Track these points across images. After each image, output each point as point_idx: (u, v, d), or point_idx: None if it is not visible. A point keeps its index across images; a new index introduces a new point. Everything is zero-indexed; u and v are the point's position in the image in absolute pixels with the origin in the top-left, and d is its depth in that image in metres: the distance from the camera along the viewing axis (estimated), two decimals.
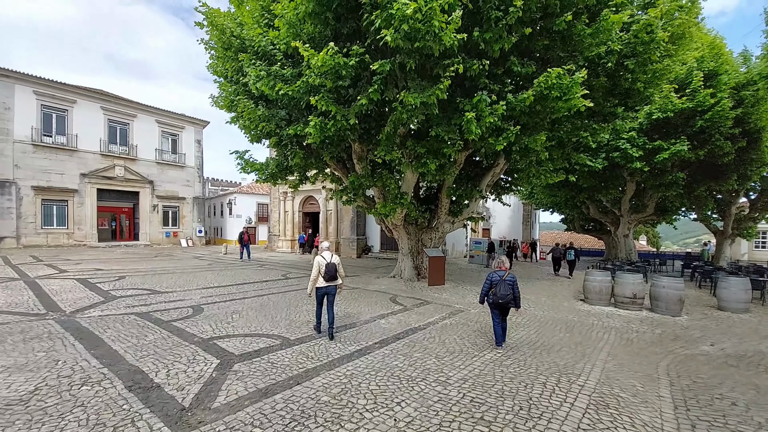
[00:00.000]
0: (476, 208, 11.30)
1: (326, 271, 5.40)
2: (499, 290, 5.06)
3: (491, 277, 5.24)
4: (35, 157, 21.91)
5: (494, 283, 5.16)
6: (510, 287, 5.07)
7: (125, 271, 12.41)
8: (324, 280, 5.43)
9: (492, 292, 5.16)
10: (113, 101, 25.80)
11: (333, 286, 5.55)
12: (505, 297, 5.03)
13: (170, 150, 29.17)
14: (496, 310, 5.27)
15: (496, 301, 5.11)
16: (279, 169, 10.95)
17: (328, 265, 5.43)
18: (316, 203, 22.19)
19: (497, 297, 5.07)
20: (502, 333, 5.36)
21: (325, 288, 5.50)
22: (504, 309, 5.26)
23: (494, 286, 5.14)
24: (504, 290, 5.04)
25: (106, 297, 8.12)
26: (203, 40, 8.82)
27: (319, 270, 5.45)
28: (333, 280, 5.49)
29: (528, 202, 28.27)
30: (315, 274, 5.50)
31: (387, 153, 7.86)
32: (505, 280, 5.11)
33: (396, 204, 9.43)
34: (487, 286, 5.24)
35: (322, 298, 5.61)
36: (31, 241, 21.31)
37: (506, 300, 5.04)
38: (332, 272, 5.44)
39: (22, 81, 21.12)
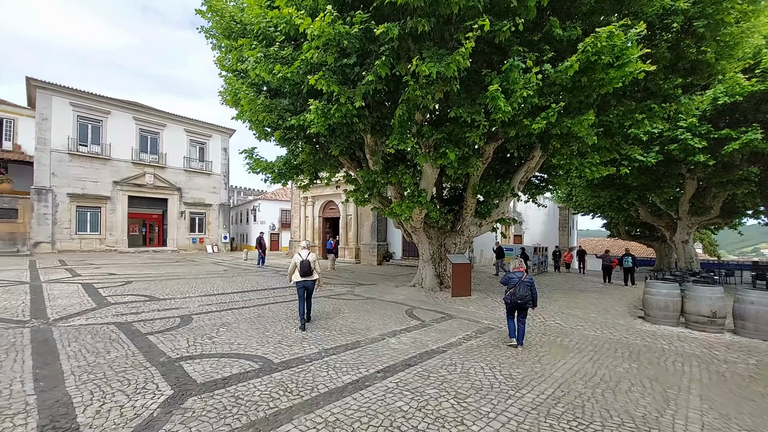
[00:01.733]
0: (507, 208, 9.87)
1: (301, 267, 5.99)
2: (518, 291, 5.23)
3: (510, 278, 5.40)
4: (71, 166, 22.84)
5: (512, 284, 5.32)
6: (528, 288, 5.26)
7: (136, 276, 12.07)
8: (300, 275, 6.03)
9: (511, 293, 5.32)
10: (145, 112, 26.69)
11: (310, 281, 6.15)
12: (524, 297, 5.21)
13: (198, 158, 29.76)
14: (513, 310, 5.44)
15: (515, 302, 5.28)
16: (287, 168, 10.15)
17: (302, 263, 6.00)
18: (337, 208, 21.43)
19: (516, 297, 5.24)
20: (522, 334, 5.44)
21: (303, 282, 6.06)
22: (522, 309, 5.39)
23: (513, 287, 5.29)
24: (523, 291, 5.22)
25: (99, 304, 7.54)
26: (203, 28, 8.25)
27: (295, 266, 6.06)
28: (308, 276, 6.07)
29: (565, 205, 25.96)
30: (291, 269, 6.16)
31: (400, 142, 6.76)
32: (524, 281, 5.27)
33: (413, 203, 8.27)
34: (506, 281, 5.43)
35: (302, 292, 6.09)
36: (65, 246, 22.08)
37: (525, 300, 5.23)
38: (306, 268, 6.00)
39: (60, 93, 22.19)
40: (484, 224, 10.23)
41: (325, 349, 4.91)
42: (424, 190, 8.43)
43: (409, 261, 19.03)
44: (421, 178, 9.00)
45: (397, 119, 6.51)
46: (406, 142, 6.74)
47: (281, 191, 35.27)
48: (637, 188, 15.53)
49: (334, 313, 7.39)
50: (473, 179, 9.44)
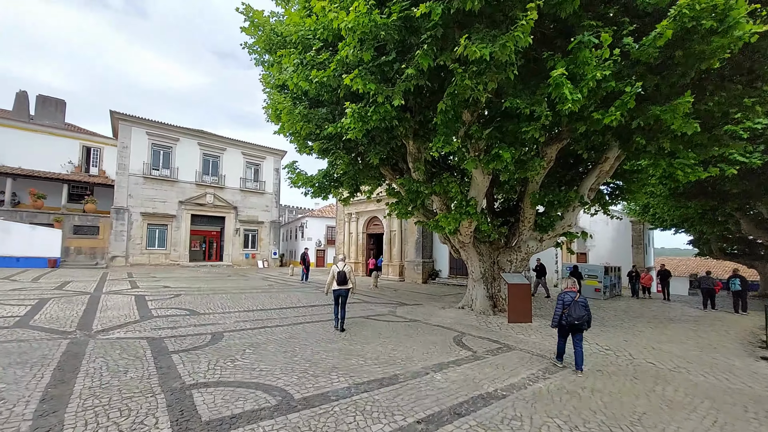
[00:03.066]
0: (574, 220, 8.45)
1: (337, 277, 6.78)
2: (573, 311, 4.98)
3: (563, 299, 5.15)
4: (144, 188, 25.32)
5: (567, 305, 5.08)
6: (584, 308, 5.01)
7: (187, 289, 12.43)
8: (337, 284, 6.81)
9: (566, 314, 5.04)
10: (208, 137, 29.06)
11: (344, 289, 6.86)
12: (581, 318, 4.96)
13: (252, 178, 31.52)
14: (568, 332, 5.17)
15: (571, 323, 5.00)
16: (327, 181, 9.82)
17: (339, 273, 6.81)
18: (380, 224, 20.92)
19: (572, 318, 4.98)
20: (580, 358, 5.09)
21: (338, 290, 6.83)
22: (577, 330, 5.09)
23: (567, 308, 5.05)
24: (579, 311, 4.97)
25: (143, 316, 7.59)
26: (246, 44, 8.39)
27: (333, 276, 6.86)
28: (344, 284, 6.83)
29: (639, 219, 22.70)
30: (329, 280, 6.94)
31: (445, 144, 5.97)
32: (578, 301, 5.05)
33: (461, 215, 7.32)
34: (560, 308, 5.13)
35: (337, 299, 6.87)
36: (136, 260, 24.21)
37: (582, 321, 4.96)
38: (342, 278, 6.80)
39: (138, 124, 24.99)
40: (545, 239, 8.86)
41: (356, 384, 4.13)
42: (473, 199, 7.45)
43: (456, 279, 17.67)
44: (469, 187, 8.04)
45: (441, 116, 5.75)
46: (452, 143, 5.92)
47: (327, 209, 35.94)
48: (737, 196, 12.83)
49: (372, 336, 6.61)
50: (532, 187, 8.24)
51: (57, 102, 27.57)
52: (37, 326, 6.36)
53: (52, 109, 27.16)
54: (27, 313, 7.33)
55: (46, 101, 26.80)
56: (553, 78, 4.78)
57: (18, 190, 22.18)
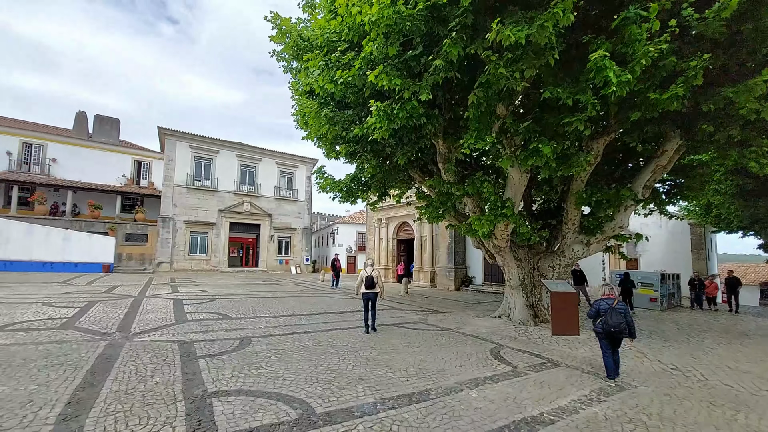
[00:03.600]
0: (626, 221, 7.60)
1: (366, 281, 7.12)
2: (610, 319, 4.77)
3: (599, 306, 4.97)
4: (188, 198, 26.82)
5: (602, 312, 4.89)
6: (622, 315, 4.77)
7: (223, 294, 12.77)
8: (365, 287, 7.15)
9: (601, 321, 4.86)
10: (245, 149, 30.36)
11: (372, 293, 7.17)
12: (618, 326, 4.72)
13: (286, 186, 32.45)
14: (605, 340, 4.90)
15: (607, 330, 4.77)
16: (355, 185, 9.67)
17: (367, 277, 7.13)
18: (411, 229, 20.53)
19: (608, 326, 4.75)
20: (616, 365, 4.90)
21: (367, 294, 7.16)
22: (615, 340, 4.88)
23: (603, 315, 4.86)
24: (616, 319, 4.75)
25: (178, 320, 7.78)
26: (274, 51, 8.51)
27: (362, 280, 7.22)
28: (371, 288, 7.15)
29: (700, 221, 20.45)
30: (358, 283, 7.35)
31: (477, 140, 5.55)
32: (616, 308, 4.83)
33: (496, 217, 6.81)
34: (593, 314, 4.99)
35: (366, 302, 7.17)
36: (180, 265, 25.57)
37: (619, 329, 4.72)
38: (370, 282, 7.12)
39: (182, 138, 26.62)
40: (593, 242, 8.05)
41: (383, 399, 3.80)
42: (509, 200, 6.91)
43: (492, 287, 16.81)
44: (505, 188, 7.49)
45: (473, 110, 5.35)
46: (486, 139, 5.49)
47: (358, 215, 36.12)
48: None
49: (401, 345, 6.25)
50: (576, 185, 7.53)
51: (112, 121, 30.15)
52: (81, 327, 6.68)
53: (108, 127, 29.73)
54: (74, 314, 7.77)
55: (102, 120, 29.40)
56: (593, 61, 4.24)
57: (78, 202, 24.33)
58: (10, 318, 7.10)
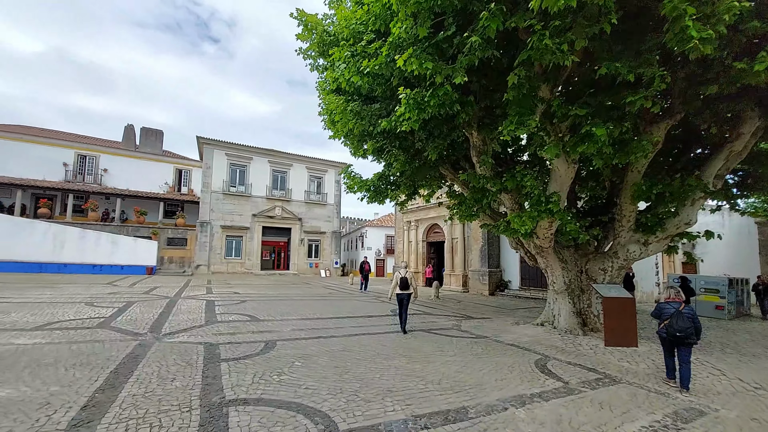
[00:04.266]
0: (693, 217, 6.60)
1: (400, 283, 7.26)
2: (675, 323, 4.52)
3: (662, 308, 4.76)
4: (224, 203, 27.83)
5: (666, 315, 4.66)
6: (690, 320, 4.49)
7: (254, 296, 12.86)
8: (400, 289, 7.29)
9: (665, 325, 4.63)
10: (277, 155, 31.13)
11: (406, 294, 7.31)
12: (685, 330, 4.45)
13: (315, 191, 32.85)
14: (673, 346, 4.67)
15: (673, 334, 4.53)
16: (383, 183, 9.30)
17: (401, 279, 7.27)
18: (441, 231, 19.85)
19: (674, 330, 4.51)
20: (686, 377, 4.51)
21: (401, 294, 7.30)
22: (683, 345, 4.55)
23: (668, 319, 4.61)
24: (683, 323, 4.49)
25: (208, 321, 7.77)
26: (301, 49, 8.40)
27: (396, 282, 7.35)
28: (406, 289, 7.29)
29: None
30: (393, 285, 7.48)
31: (518, 126, 4.97)
32: (683, 312, 4.56)
33: (540, 213, 6.14)
34: (657, 314, 4.78)
35: (401, 302, 7.34)
36: (217, 268, 26.51)
37: (686, 333, 4.45)
38: (404, 283, 7.26)
39: (219, 146, 27.74)
40: (652, 242, 7.10)
41: (414, 416, 3.34)
42: (555, 194, 6.20)
43: (529, 291, 15.73)
44: (548, 182, 6.78)
45: (513, 92, 4.78)
46: (527, 124, 4.90)
47: (387, 218, 35.82)
48: None
49: (434, 354, 5.74)
50: (632, 177, 6.66)
51: (156, 132, 32.11)
52: (116, 327, 6.79)
53: (152, 138, 31.69)
54: (112, 314, 7.98)
55: (148, 132, 31.39)
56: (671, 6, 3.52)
57: (125, 208, 25.98)
58: (52, 317, 7.40)
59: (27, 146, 25.43)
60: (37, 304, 8.87)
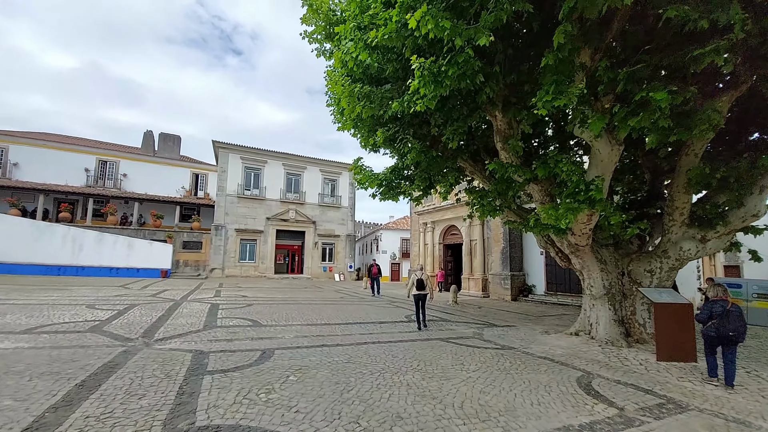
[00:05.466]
0: (762, 207, 5.52)
1: (417, 283, 7.76)
2: (729, 323, 4.37)
3: (712, 308, 4.57)
4: (238, 206, 27.74)
5: (715, 315, 4.50)
6: (740, 318, 4.39)
7: (262, 299, 12.32)
8: (416, 289, 7.78)
9: (714, 324, 4.48)
10: (291, 158, 30.94)
11: (423, 294, 7.79)
12: (737, 330, 4.34)
13: (329, 194, 32.43)
14: (717, 345, 4.59)
15: (725, 335, 4.40)
16: (396, 177, 8.55)
17: (418, 280, 7.76)
18: (459, 233, 18.87)
19: (726, 330, 4.38)
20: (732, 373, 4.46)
21: (418, 294, 7.77)
22: (731, 343, 4.46)
23: (717, 318, 4.47)
24: (734, 323, 4.36)
25: (207, 326, 7.19)
26: (305, 32, 7.82)
27: (413, 282, 7.85)
28: (422, 289, 7.78)
29: None
30: (410, 285, 8.00)
31: (556, 95, 4.11)
32: (732, 311, 4.44)
33: (580, 203, 5.23)
34: (705, 318, 4.60)
35: (418, 302, 7.79)
36: (231, 272, 26.35)
37: (738, 333, 4.35)
38: (421, 284, 7.77)
39: (233, 150, 27.76)
40: (711, 238, 6.03)
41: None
42: (598, 177, 5.26)
43: (556, 297, 14.53)
44: (588, 167, 5.82)
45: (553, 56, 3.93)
46: (568, 94, 4.04)
47: (402, 221, 34.99)
48: None
49: (453, 368, 4.90)
50: (687, 161, 5.65)
51: (174, 138, 32.58)
52: (107, 332, 6.29)
53: (170, 144, 32.15)
54: (109, 318, 7.53)
55: (166, 138, 31.87)
56: None
57: (143, 212, 26.25)
58: (46, 320, 6.99)
59: (50, 152, 26.17)
60: (38, 306, 8.55)
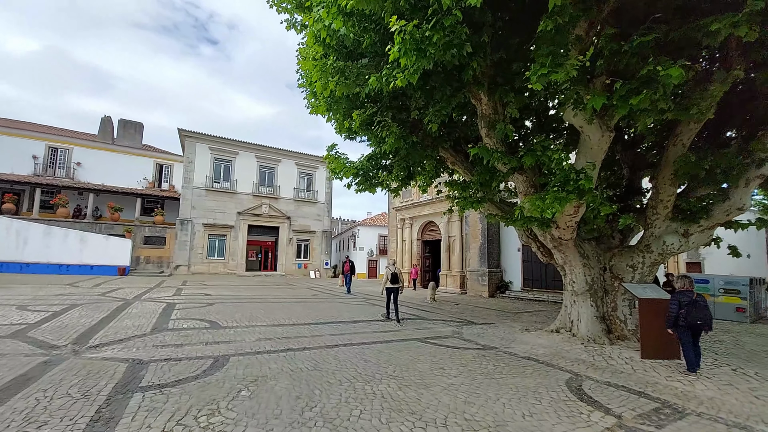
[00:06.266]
0: (747, 200, 5.39)
1: (391, 278, 8.20)
2: (697, 312, 4.61)
3: (678, 299, 4.75)
4: (207, 200, 26.16)
5: (683, 305, 4.68)
6: (706, 308, 4.66)
7: (226, 298, 11.40)
8: (390, 283, 8.19)
9: (683, 315, 4.65)
10: (264, 150, 29.54)
11: (395, 287, 8.15)
12: (704, 318, 4.60)
13: (305, 188, 31.33)
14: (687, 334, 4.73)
15: (692, 323, 4.62)
16: (373, 166, 7.96)
17: (392, 274, 8.23)
18: (437, 229, 18.57)
19: (694, 318, 4.60)
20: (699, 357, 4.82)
21: (391, 288, 8.17)
22: (699, 332, 4.77)
23: (684, 308, 4.66)
24: (701, 312, 4.62)
25: (156, 329, 6.33)
26: (274, 1, 7.05)
27: (387, 276, 8.29)
28: (396, 283, 8.19)
29: None
30: (384, 280, 8.34)
31: (553, 67, 3.66)
32: (698, 301, 4.67)
33: (569, 192, 4.86)
34: (676, 308, 4.73)
35: (389, 295, 8.19)
36: (198, 269, 24.83)
37: (706, 321, 4.61)
38: (395, 278, 8.21)
39: (201, 140, 26.11)
40: (694, 232, 5.87)
41: None
42: (590, 163, 4.91)
43: (533, 293, 14.50)
44: (577, 155, 5.46)
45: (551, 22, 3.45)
46: (565, 67, 3.59)
47: (380, 217, 34.49)
48: None
49: (432, 373, 4.40)
50: (674, 151, 5.42)
51: (136, 125, 30.33)
52: (32, 337, 5.34)
53: (132, 131, 29.90)
54: (39, 321, 6.50)
55: (126, 125, 29.60)
56: None
57: (100, 205, 24.20)
58: None
59: None
60: None
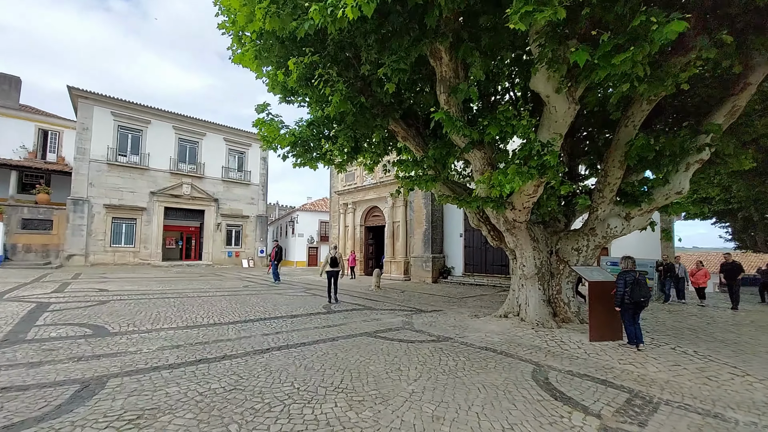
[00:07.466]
0: (686, 184, 5.58)
1: (330, 261, 8.50)
2: (639, 290, 4.90)
3: (626, 278, 4.99)
4: (109, 176, 21.94)
5: (629, 284, 4.94)
6: (647, 286, 4.99)
7: (129, 293, 9.35)
8: (330, 266, 8.49)
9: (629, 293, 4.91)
10: (185, 121, 25.70)
11: (335, 271, 8.53)
12: (647, 295, 4.92)
13: (236, 168, 28.28)
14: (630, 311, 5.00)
15: (637, 300, 4.91)
16: (313, 136, 6.81)
17: (331, 258, 8.50)
18: (381, 215, 17.96)
19: (638, 296, 4.89)
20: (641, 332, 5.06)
21: (330, 271, 8.51)
22: (639, 308, 5.01)
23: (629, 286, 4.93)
24: (644, 289, 4.93)
25: (7, 339, 4.56)
26: None
27: (326, 260, 8.58)
28: (335, 266, 8.52)
29: None
30: (323, 264, 8.75)
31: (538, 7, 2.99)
32: (640, 279, 4.95)
33: (531, 168, 4.40)
34: (622, 287, 4.96)
35: (330, 278, 8.52)
36: (99, 258, 20.88)
37: (647, 298, 4.93)
38: (334, 261, 8.49)
39: (101, 103, 21.61)
40: (635, 215, 5.98)
41: None
42: (558, 135, 4.51)
43: (473, 278, 14.78)
44: (541, 123, 5.03)
45: None
46: (551, 4, 2.97)
47: (321, 202, 32.91)
48: None
49: (388, 377, 3.65)
50: (625, 133, 5.33)
51: (11, 79, 24.10)
52: None
53: (5, 87, 23.68)
54: None
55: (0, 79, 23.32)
56: None
57: None
58: None
59: None
60: None
